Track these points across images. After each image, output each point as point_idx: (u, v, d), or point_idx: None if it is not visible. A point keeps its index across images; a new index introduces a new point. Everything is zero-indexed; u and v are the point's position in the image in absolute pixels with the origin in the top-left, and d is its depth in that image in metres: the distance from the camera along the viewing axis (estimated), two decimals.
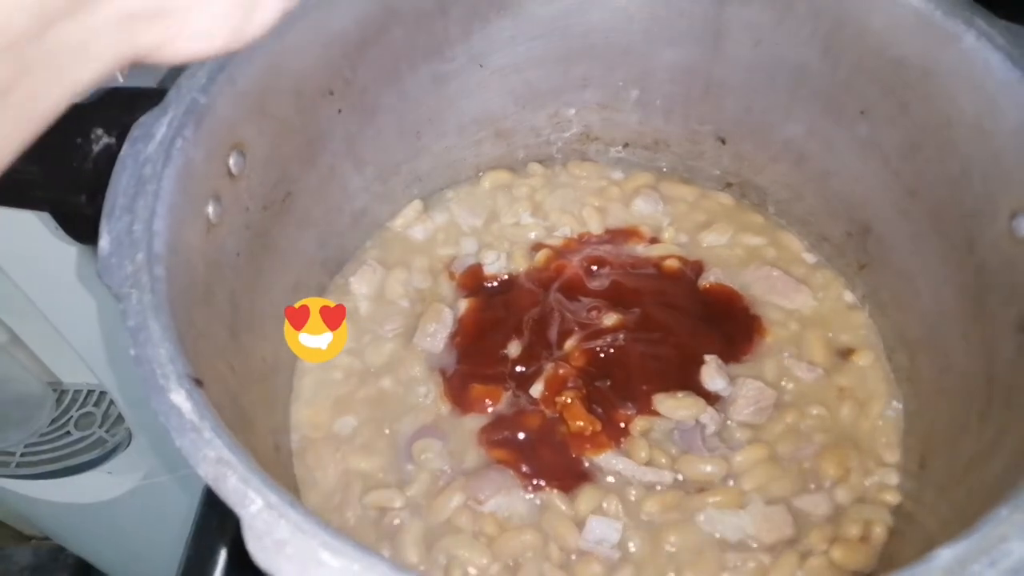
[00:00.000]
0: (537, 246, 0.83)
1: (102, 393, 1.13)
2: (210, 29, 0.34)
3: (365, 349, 0.77)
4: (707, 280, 0.80)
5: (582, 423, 0.70)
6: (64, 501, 1.13)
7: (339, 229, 0.79)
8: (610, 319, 0.76)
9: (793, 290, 0.79)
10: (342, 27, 0.67)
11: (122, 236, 0.50)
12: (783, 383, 0.74)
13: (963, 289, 0.65)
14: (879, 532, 0.66)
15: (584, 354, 0.74)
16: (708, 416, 0.70)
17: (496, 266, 0.82)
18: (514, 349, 0.75)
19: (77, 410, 1.12)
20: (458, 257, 0.83)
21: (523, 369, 0.74)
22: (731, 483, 0.68)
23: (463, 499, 0.67)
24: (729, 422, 0.71)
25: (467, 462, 0.70)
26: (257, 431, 0.63)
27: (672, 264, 0.81)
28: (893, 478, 0.69)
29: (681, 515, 0.67)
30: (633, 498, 0.68)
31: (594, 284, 0.79)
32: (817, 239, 0.82)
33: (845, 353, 0.76)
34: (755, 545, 0.66)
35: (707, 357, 0.74)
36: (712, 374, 0.73)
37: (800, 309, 0.79)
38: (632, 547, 0.66)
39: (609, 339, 0.74)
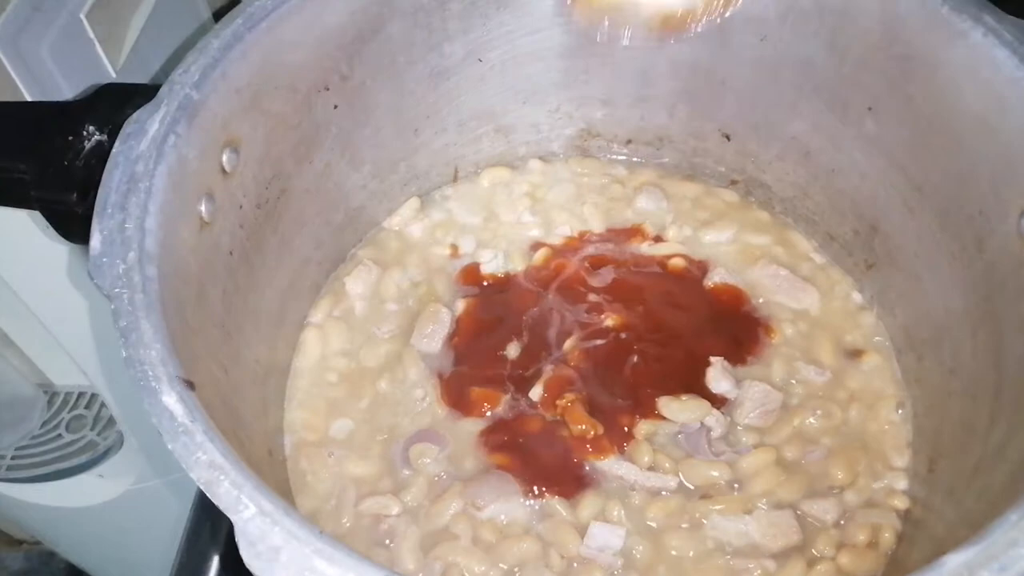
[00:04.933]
0: (537, 245, 0.82)
1: (94, 395, 1.12)
2: None
3: (360, 350, 0.76)
4: (712, 280, 0.79)
5: (583, 426, 0.68)
6: (55, 505, 1.12)
7: (334, 228, 0.78)
8: (611, 319, 0.75)
9: (800, 290, 0.78)
10: (338, 21, 0.66)
11: (114, 235, 0.50)
12: (790, 385, 0.73)
13: (972, 289, 0.64)
14: (887, 537, 0.65)
15: (584, 354, 0.73)
16: (713, 419, 0.69)
17: (494, 265, 0.81)
18: (513, 350, 0.74)
19: (68, 412, 1.11)
20: (456, 256, 0.82)
21: (522, 371, 0.73)
22: (737, 488, 0.67)
23: (461, 505, 0.66)
24: (735, 425, 0.70)
25: (466, 467, 0.69)
26: (251, 434, 0.62)
27: (677, 263, 0.80)
28: (902, 482, 0.68)
29: (685, 521, 0.66)
30: (636, 504, 0.67)
31: (595, 283, 0.78)
32: (824, 238, 0.82)
33: (853, 354, 0.75)
34: (761, 551, 0.65)
35: (712, 359, 0.73)
36: (718, 376, 0.72)
37: (808, 310, 0.78)
38: (635, 554, 0.65)
39: (611, 339, 0.73)
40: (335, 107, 0.70)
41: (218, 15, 1.03)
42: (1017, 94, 0.58)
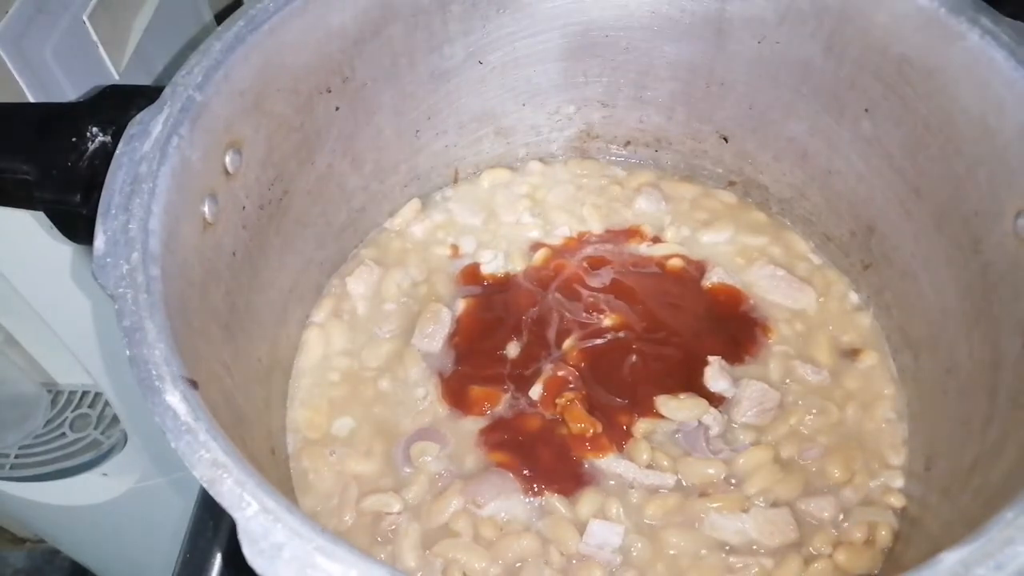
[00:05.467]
0: (536, 245, 0.82)
1: (97, 394, 1.12)
2: None
3: (362, 350, 0.76)
4: (710, 280, 0.79)
5: (583, 425, 0.69)
6: (59, 503, 1.12)
7: (336, 228, 0.79)
8: (610, 319, 0.75)
9: (797, 290, 0.78)
10: (340, 24, 0.67)
11: (117, 235, 0.50)
12: (787, 384, 0.73)
13: (968, 289, 0.65)
14: (884, 535, 0.66)
15: (583, 354, 0.73)
16: (711, 418, 0.70)
17: (494, 265, 0.81)
18: (513, 350, 0.74)
19: (72, 411, 1.12)
20: (456, 256, 0.82)
21: (522, 370, 0.73)
22: (734, 485, 0.68)
23: (462, 502, 0.67)
24: (733, 424, 0.71)
25: (466, 465, 0.70)
26: (253, 433, 0.62)
27: (676, 264, 0.80)
28: (898, 480, 0.69)
29: (683, 519, 0.66)
30: (635, 501, 0.67)
31: (594, 283, 0.78)
32: (821, 239, 0.82)
33: (850, 354, 0.76)
34: (758, 549, 0.65)
35: (710, 358, 0.73)
36: (715, 375, 0.72)
37: (805, 309, 0.78)
38: (634, 551, 0.65)
39: (609, 339, 0.74)
40: (336, 109, 0.71)
41: (220, 17, 1.04)
42: (1014, 95, 0.58)
